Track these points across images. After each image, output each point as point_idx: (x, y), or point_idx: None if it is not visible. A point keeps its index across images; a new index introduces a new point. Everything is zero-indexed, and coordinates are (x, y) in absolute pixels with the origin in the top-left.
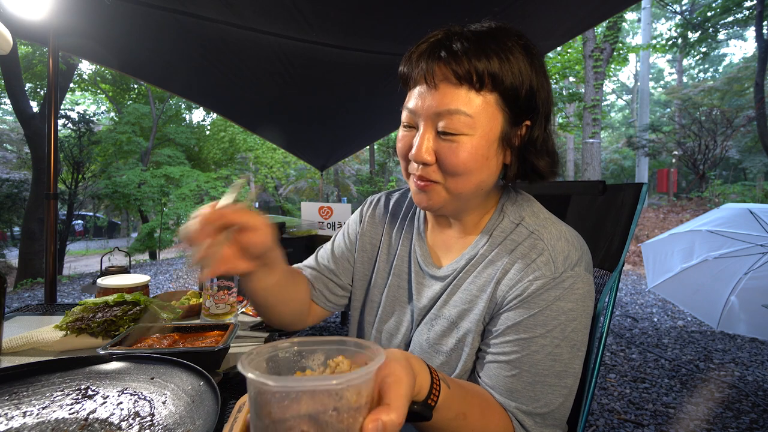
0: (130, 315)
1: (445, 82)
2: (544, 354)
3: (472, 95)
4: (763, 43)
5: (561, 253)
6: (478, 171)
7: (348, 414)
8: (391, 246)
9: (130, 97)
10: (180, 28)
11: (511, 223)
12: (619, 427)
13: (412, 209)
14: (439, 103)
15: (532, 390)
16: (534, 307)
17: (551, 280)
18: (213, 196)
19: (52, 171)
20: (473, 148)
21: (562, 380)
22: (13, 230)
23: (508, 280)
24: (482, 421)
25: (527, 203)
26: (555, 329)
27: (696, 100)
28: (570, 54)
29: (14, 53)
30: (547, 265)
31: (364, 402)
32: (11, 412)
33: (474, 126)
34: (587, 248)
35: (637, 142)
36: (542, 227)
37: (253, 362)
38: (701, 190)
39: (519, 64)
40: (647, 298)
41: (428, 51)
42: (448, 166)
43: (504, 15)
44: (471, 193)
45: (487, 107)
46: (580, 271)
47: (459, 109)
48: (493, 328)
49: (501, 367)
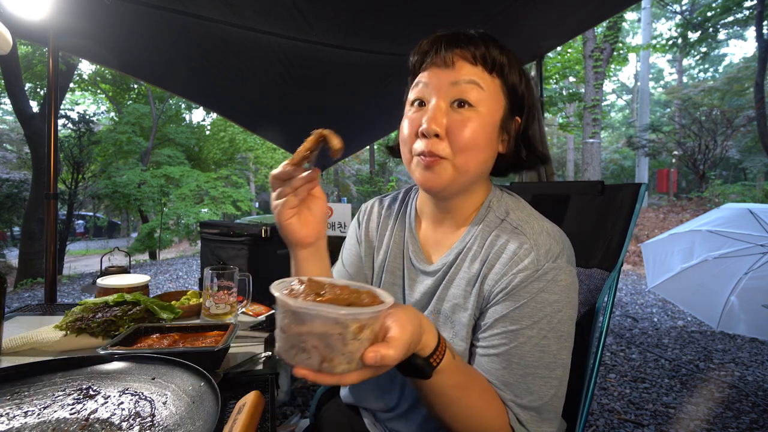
0: (130, 315)
1: (462, 60)
2: (532, 345)
3: (485, 75)
4: (763, 43)
5: (543, 247)
6: (483, 149)
7: (351, 342)
8: (384, 246)
9: (130, 97)
10: (180, 28)
11: (497, 218)
12: (619, 427)
13: (403, 207)
14: (458, 74)
15: (524, 382)
16: (519, 299)
17: (534, 272)
18: (213, 196)
19: (52, 171)
20: (482, 124)
21: (552, 372)
22: (13, 230)
23: (493, 275)
24: (480, 402)
25: (512, 200)
26: (541, 321)
27: (696, 100)
28: (570, 54)
29: (14, 53)
30: (529, 258)
31: (367, 336)
32: (13, 411)
33: (484, 102)
34: (569, 242)
35: (637, 142)
36: (525, 222)
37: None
38: (701, 190)
39: (518, 67)
40: (647, 298)
41: (446, 38)
42: (458, 139)
43: (504, 15)
44: (474, 173)
45: (495, 88)
46: (562, 263)
47: (474, 79)
48: (482, 322)
49: (492, 360)
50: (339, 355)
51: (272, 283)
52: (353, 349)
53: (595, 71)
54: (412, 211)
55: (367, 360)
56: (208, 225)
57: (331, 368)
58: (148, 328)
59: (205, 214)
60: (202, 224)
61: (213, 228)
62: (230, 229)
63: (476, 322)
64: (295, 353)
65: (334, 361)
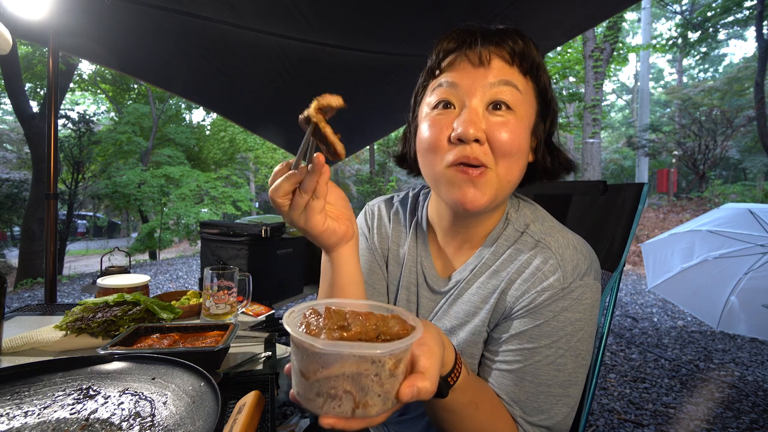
0: (130, 315)
1: (499, 59)
2: (547, 363)
3: (521, 77)
4: (763, 43)
5: (570, 263)
6: (524, 155)
7: (387, 379)
8: (398, 257)
9: (130, 97)
10: (180, 28)
11: (516, 231)
12: (619, 427)
13: (415, 219)
14: (495, 74)
15: (536, 400)
16: (540, 317)
17: (560, 291)
18: (213, 196)
19: (52, 171)
20: (521, 128)
21: (567, 390)
22: (13, 230)
23: (514, 291)
24: (491, 418)
25: (531, 210)
26: (560, 340)
27: (696, 100)
28: (570, 54)
29: (14, 53)
30: (555, 276)
31: (402, 370)
32: (13, 411)
33: (521, 104)
34: (595, 256)
35: (637, 142)
36: (548, 235)
37: (294, 315)
38: (701, 190)
39: (546, 69)
40: (647, 298)
41: (482, 33)
42: (501, 143)
43: (504, 15)
44: (515, 183)
45: (529, 91)
46: (590, 280)
47: (512, 81)
48: (496, 335)
49: (503, 375)
50: (375, 397)
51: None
52: (389, 387)
53: (595, 71)
54: (423, 220)
55: (404, 397)
56: (208, 225)
57: (365, 413)
58: (148, 328)
59: (205, 214)
60: (202, 224)
61: (213, 228)
62: (230, 229)
63: (489, 335)
64: (323, 402)
65: (368, 404)
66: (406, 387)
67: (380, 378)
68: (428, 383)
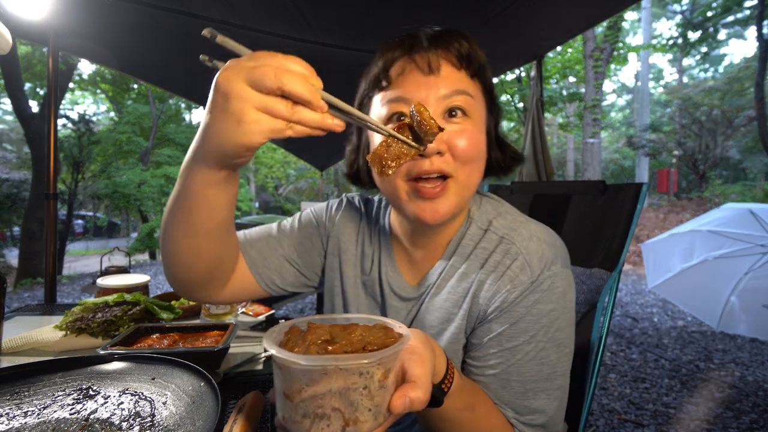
0: (130, 315)
1: (447, 64)
2: (530, 359)
3: (470, 80)
4: (764, 42)
5: (535, 255)
6: (483, 158)
7: (377, 392)
8: (364, 263)
9: (130, 97)
10: (180, 28)
11: (479, 230)
12: (620, 427)
13: (380, 224)
14: (446, 84)
15: (525, 399)
16: (514, 315)
17: (529, 285)
18: None
19: (52, 171)
20: (477, 132)
21: (554, 383)
22: (13, 230)
23: (485, 293)
24: (487, 421)
25: (493, 206)
26: (538, 333)
27: (696, 100)
28: (570, 54)
29: (14, 53)
30: (523, 271)
31: (392, 381)
32: (13, 411)
33: (475, 109)
34: (561, 242)
35: (637, 142)
36: (511, 229)
37: (274, 335)
38: (701, 190)
39: (489, 68)
40: (647, 298)
41: (425, 37)
42: (462, 150)
43: (504, 15)
44: (474, 189)
45: (478, 93)
46: (557, 269)
47: (465, 89)
48: (476, 341)
49: (489, 380)
50: (365, 412)
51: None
52: (380, 400)
53: (595, 71)
54: (386, 226)
55: (396, 409)
56: None
57: (356, 430)
58: (148, 328)
59: None
60: None
61: None
62: None
63: (468, 341)
64: (310, 423)
65: (359, 420)
66: (397, 398)
67: (369, 391)
68: (421, 392)
